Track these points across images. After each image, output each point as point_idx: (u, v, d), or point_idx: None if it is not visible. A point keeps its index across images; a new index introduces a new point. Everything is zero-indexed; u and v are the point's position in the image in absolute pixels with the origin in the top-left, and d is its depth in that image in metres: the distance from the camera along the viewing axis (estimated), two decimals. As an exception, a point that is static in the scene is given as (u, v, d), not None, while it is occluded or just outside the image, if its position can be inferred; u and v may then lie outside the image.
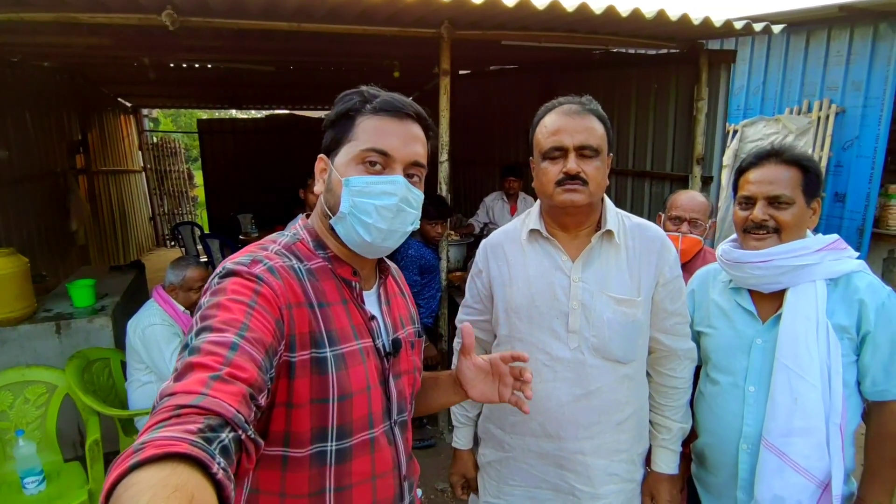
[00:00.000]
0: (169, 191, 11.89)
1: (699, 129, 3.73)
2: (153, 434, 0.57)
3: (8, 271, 3.04)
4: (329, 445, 0.96)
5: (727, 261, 1.53)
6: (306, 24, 3.04)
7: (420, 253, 3.48)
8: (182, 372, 0.69)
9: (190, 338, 0.76)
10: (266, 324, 0.82)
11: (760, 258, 1.44)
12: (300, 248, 1.02)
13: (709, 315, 1.63)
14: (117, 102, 8.97)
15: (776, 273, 1.44)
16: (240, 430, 0.64)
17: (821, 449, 1.38)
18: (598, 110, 1.41)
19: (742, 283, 1.54)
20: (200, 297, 0.87)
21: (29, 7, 2.62)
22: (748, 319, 1.53)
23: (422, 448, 3.65)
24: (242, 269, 0.88)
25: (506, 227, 1.61)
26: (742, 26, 3.07)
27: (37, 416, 2.62)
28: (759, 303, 1.53)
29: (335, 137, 1.01)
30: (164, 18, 2.70)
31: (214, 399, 0.64)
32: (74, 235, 5.97)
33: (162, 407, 0.62)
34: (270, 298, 0.86)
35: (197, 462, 0.54)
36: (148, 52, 4.35)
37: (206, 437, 0.58)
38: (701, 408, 1.62)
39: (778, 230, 1.44)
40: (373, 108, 1.00)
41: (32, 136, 5.39)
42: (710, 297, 1.64)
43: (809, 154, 1.54)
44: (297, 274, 0.95)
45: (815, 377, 1.38)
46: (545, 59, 5.11)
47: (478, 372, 1.12)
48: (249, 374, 0.72)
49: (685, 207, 2.18)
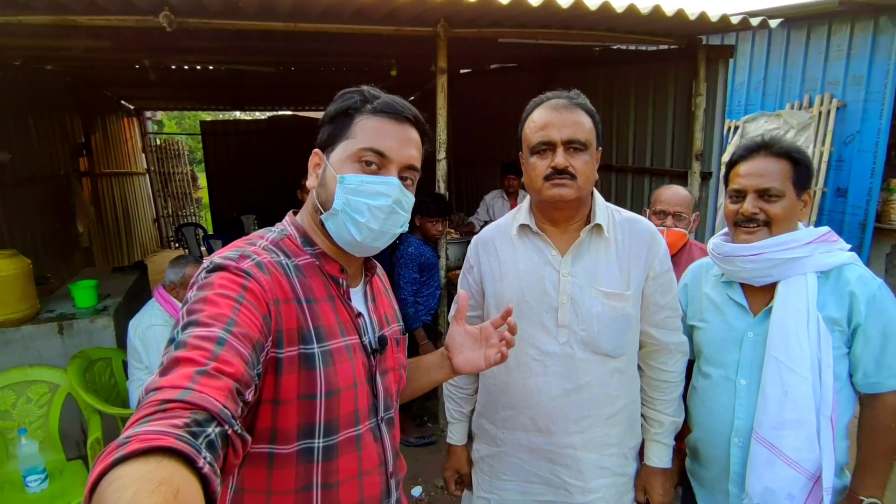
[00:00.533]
0: (173, 192, 11.95)
1: (698, 124, 3.72)
2: (138, 428, 0.56)
3: (10, 273, 3.08)
4: (316, 442, 0.96)
5: (718, 255, 1.53)
6: (302, 23, 3.05)
7: (420, 251, 3.49)
8: (168, 366, 0.69)
9: (176, 332, 0.76)
10: (253, 319, 0.82)
11: (751, 251, 1.44)
12: (287, 244, 1.02)
13: (701, 309, 1.63)
14: (120, 105, 9.03)
15: (767, 266, 1.44)
16: (226, 425, 0.63)
17: (812, 441, 1.37)
18: (585, 104, 1.41)
19: (733, 277, 1.54)
20: (188, 291, 0.86)
21: (27, 10, 2.65)
22: (739, 313, 1.53)
23: (423, 445, 3.67)
24: (230, 264, 0.88)
25: (497, 223, 1.61)
26: (739, 21, 3.06)
27: (39, 416, 2.65)
28: (750, 296, 1.53)
29: (332, 133, 1.01)
30: (162, 20, 2.72)
31: (200, 394, 0.64)
32: (79, 238, 6.02)
33: (147, 402, 0.62)
34: (258, 293, 0.86)
35: (183, 456, 0.54)
36: (147, 54, 4.38)
37: (191, 432, 0.58)
38: (693, 402, 1.62)
39: (768, 223, 1.44)
40: (373, 109, 1.00)
41: (35, 139, 5.43)
42: (703, 290, 1.64)
43: (799, 146, 1.54)
44: (284, 270, 0.95)
45: (806, 370, 1.38)
46: (544, 57, 5.11)
47: (467, 337, 1.17)
48: (236, 369, 0.72)
49: (669, 201, 2.19)
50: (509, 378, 1.49)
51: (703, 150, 3.78)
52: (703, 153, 3.81)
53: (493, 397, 1.55)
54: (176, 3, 2.69)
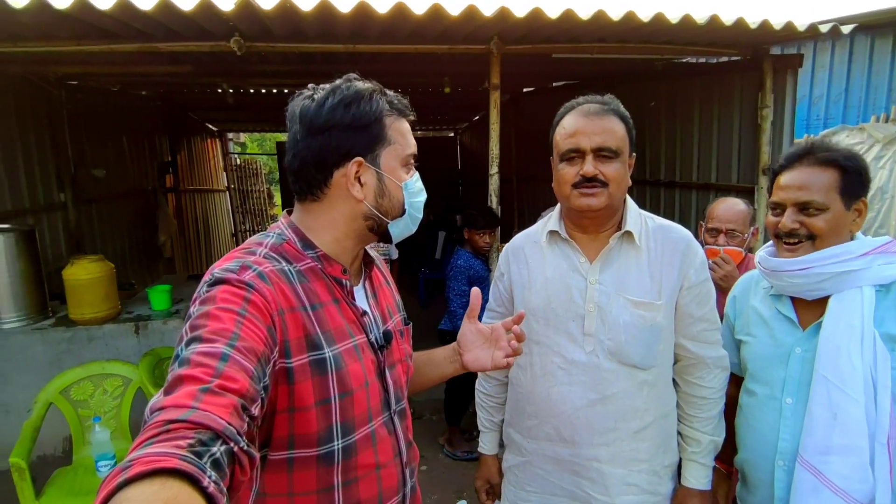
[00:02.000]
0: (250, 209, 12.68)
1: (765, 137, 3.54)
2: (142, 451, 0.56)
3: (96, 275, 3.40)
4: (336, 444, 0.97)
5: (765, 268, 1.45)
6: (361, 45, 3.20)
7: (469, 263, 3.52)
8: (172, 385, 0.68)
9: (180, 348, 0.75)
10: (257, 332, 0.81)
11: (798, 266, 1.34)
12: (288, 248, 1.01)
13: (748, 322, 1.54)
14: (204, 127, 9.74)
15: (817, 280, 1.34)
16: (231, 443, 0.63)
17: (863, 469, 1.26)
18: (619, 109, 1.38)
19: (782, 291, 1.45)
20: (191, 306, 0.85)
21: (117, 39, 2.96)
22: (788, 327, 1.44)
23: (470, 460, 3.64)
24: (231, 277, 0.87)
25: (528, 230, 1.61)
26: (806, 28, 2.90)
27: (113, 406, 2.88)
28: (800, 309, 1.43)
29: (370, 140, 1.01)
30: (233, 44, 2.96)
31: (205, 412, 0.63)
32: (161, 248, 6.52)
33: (152, 423, 0.62)
34: (261, 305, 0.85)
35: (187, 476, 0.54)
36: (224, 78, 4.73)
37: (196, 452, 0.58)
38: (739, 420, 1.53)
39: (812, 237, 1.35)
40: (396, 110, 1.05)
41: (128, 157, 5.98)
42: (751, 303, 1.55)
43: (851, 150, 1.42)
44: (287, 277, 0.94)
45: (858, 391, 1.27)
46: (605, 73, 5.05)
47: (478, 335, 1.19)
48: (241, 385, 0.71)
49: (722, 218, 2.10)
50: (535, 386, 1.47)
51: (770, 164, 3.58)
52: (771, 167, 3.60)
53: (520, 406, 1.54)
54: (245, 28, 2.92)
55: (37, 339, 3.36)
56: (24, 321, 3.40)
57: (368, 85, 1.04)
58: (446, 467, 3.63)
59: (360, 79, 1.05)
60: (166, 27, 2.87)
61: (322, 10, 2.68)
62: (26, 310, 3.42)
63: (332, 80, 1.05)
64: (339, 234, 1.04)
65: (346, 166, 1.00)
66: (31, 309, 3.45)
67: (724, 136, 4.13)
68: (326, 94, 1.01)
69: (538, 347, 1.46)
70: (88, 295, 3.39)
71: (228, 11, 2.60)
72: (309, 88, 1.05)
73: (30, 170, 4.25)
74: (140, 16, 2.61)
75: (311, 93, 1.04)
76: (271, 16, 2.70)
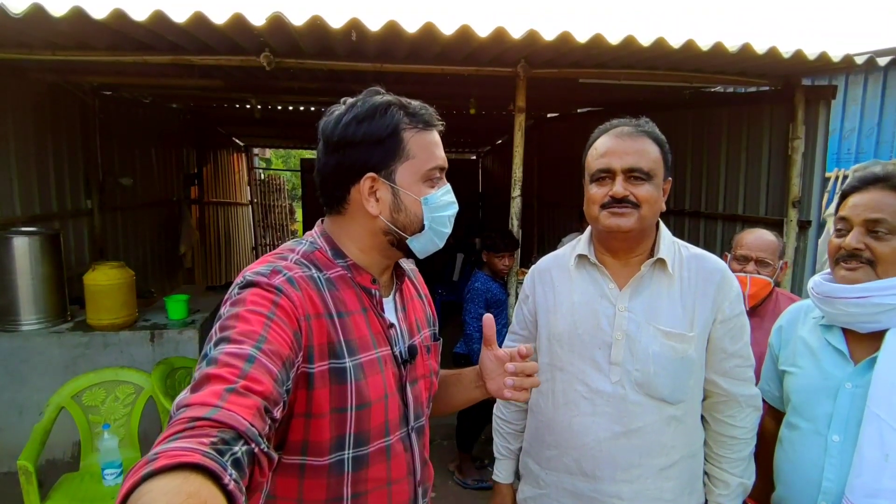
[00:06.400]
0: (272, 223, 12.83)
1: (795, 170, 3.46)
2: (167, 445, 0.58)
3: (116, 282, 3.42)
4: (346, 453, 0.96)
5: (818, 294, 1.37)
6: (388, 64, 3.23)
7: (487, 286, 3.47)
8: (199, 383, 0.70)
9: (209, 348, 0.77)
10: (284, 336, 0.82)
11: (856, 294, 1.27)
12: (319, 256, 1.02)
13: (794, 353, 1.46)
14: (231, 141, 9.93)
15: (874, 311, 1.26)
16: (253, 444, 0.64)
17: (915, 518, 1.17)
18: (653, 132, 1.35)
19: (834, 321, 1.36)
20: (222, 307, 0.87)
21: (152, 51, 3.03)
22: (838, 360, 1.35)
23: (481, 489, 3.54)
24: (262, 280, 0.88)
25: (556, 253, 1.57)
26: (841, 59, 2.84)
27: (124, 414, 2.86)
28: (852, 342, 1.34)
29: (385, 156, 0.99)
30: (262, 60, 3.00)
31: (229, 412, 0.65)
32: (182, 258, 6.59)
33: (177, 419, 0.64)
34: (289, 310, 0.87)
35: (209, 472, 0.55)
36: (253, 93, 4.81)
37: (218, 450, 0.59)
38: (779, 455, 1.44)
39: (872, 262, 1.28)
40: (419, 123, 1.01)
41: (155, 168, 6.10)
42: (798, 333, 1.47)
43: None
44: (316, 284, 0.95)
45: None
46: (631, 101, 5.03)
47: (498, 363, 1.11)
48: (265, 387, 0.72)
49: (752, 246, 2.02)
50: (556, 415, 1.41)
51: (800, 197, 3.49)
52: (802, 200, 3.52)
53: (540, 435, 1.47)
54: (275, 44, 2.96)
55: (54, 342, 3.38)
56: (43, 324, 3.42)
57: (386, 98, 1.02)
58: (456, 495, 3.53)
59: (380, 92, 1.04)
60: (199, 40, 2.92)
61: (351, 27, 2.71)
62: (46, 313, 3.44)
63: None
64: (364, 246, 1.05)
65: (361, 182, 1.00)
66: (51, 312, 3.47)
67: (752, 167, 4.06)
68: (344, 111, 1.02)
69: (561, 374, 1.40)
70: (107, 301, 3.40)
71: (260, 26, 2.64)
72: (340, 103, 1.05)
73: (60, 176, 4.33)
74: (174, 28, 2.66)
75: (335, 108, 1.05)
76: (301, 31, 2.73)
